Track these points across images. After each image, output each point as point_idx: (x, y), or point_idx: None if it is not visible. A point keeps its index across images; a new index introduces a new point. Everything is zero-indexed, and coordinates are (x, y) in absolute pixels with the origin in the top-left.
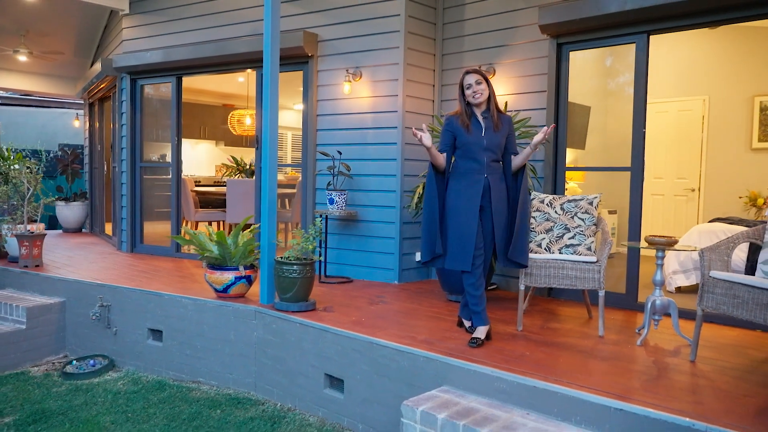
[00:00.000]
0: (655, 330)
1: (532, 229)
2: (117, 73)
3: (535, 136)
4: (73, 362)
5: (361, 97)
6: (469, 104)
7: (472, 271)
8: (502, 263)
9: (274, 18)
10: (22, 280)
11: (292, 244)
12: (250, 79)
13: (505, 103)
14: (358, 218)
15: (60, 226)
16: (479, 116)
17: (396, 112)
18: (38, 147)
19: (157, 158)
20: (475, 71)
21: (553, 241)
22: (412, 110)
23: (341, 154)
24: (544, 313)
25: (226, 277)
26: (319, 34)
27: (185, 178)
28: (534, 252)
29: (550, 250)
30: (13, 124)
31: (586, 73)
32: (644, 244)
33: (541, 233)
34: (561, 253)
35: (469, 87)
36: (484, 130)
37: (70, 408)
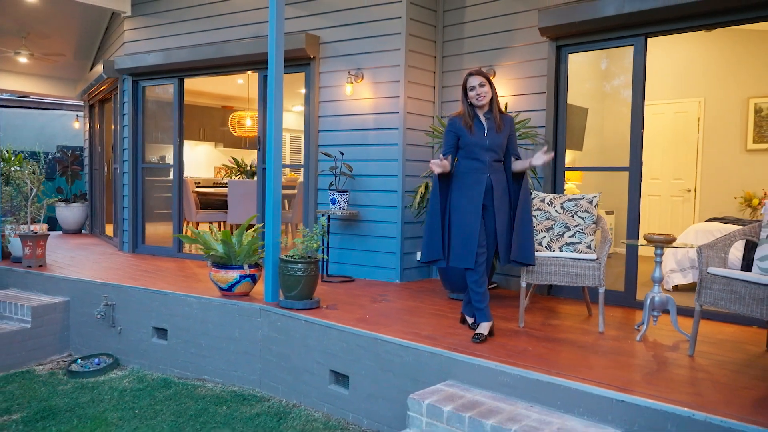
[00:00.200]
0: (654, 326)
1: (533, 228)
2: (119, 75)
3: (533, 159)
4: (78, 361)
5: (363, 98)
6: (471, 105)
7: (476, 268)
8: (504, 262)
9: (279, 21)
10: (26, 280)
11: (297, 243)
12: (251, 81)
13: (505, 105)
14: (360, 218)
15: (59, 227)
16: (482, 117)
17: (397, 113)
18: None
19: (156, 160)
20: (478, 73)
21: (554, 240)
22: (413, 111)
23: (343, 154)
24: (544, 311)
25: (230, 275)
26: (320, 36)
27: (186, 179)
28: (535, 250)
29: (551, 248)
30: (11, 126)
31: (583, 76)
32: (643, 242)
33: (542, 232)
34: (561, 251)
35: (473, 89)
36: (486, 131)
37: (77, 405)
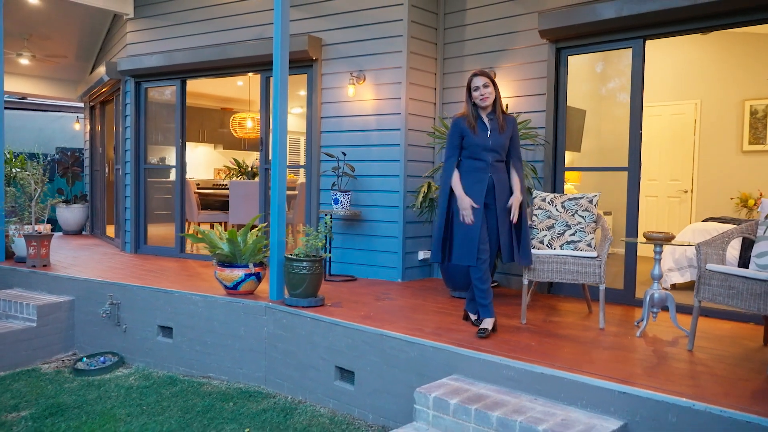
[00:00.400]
0: (654, 322)
1: (535, 226)
2: (121, 77)
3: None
4: (84, 359)
5: (365, 99)
6: (475, 105)
7: (478, 265)
8: (506, 259)
9: (284, 24)
10: (30, 280)
11: (302, 242)
12: (252, 83)
13: (506, 106)
14: (362, 218)
15: (60, 228)
16: (485, 118)
17: (399, 114)
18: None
19: (156, 161)
20: (483, 74)
21: (555, 238)
22: (414, 113)
23: (346, 155)
24: (545, 308)
25: (236, 274)
26: (323, 39)
27: (188, 180)
28: (536, 248)
29: (552, 247)
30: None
31: (581, 78)
32: (642, 240)
33: (543, 230)
34: (562, 249)
35: (477, 89)
36: (489, 132)
37: (84, 402)
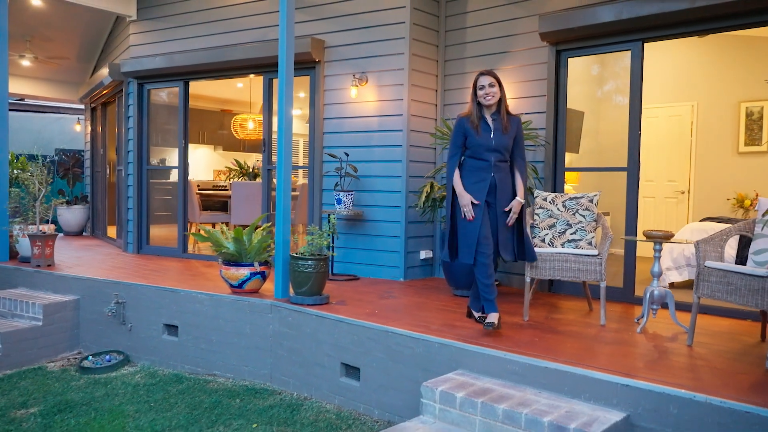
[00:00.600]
0: (654, 319)
1: (536, 225)
2: (124, 78)
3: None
4: (89, 357)
5: (367, 101)
6: (480, 105)
7: (480, 260)
8: (507, 258)
9: (289, 28)
10: (35, 279)
11: (307, 240)
12: (253, 85)
13: None
14: (364, 218)
15: (60, 229)
16: (488, 118)
17: (401, 115)
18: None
19: (156, 162)
20: (489, 73)
21: (556, 237)
22: (416, 114)
23: (348, 155)
24: (546, 306)
25: (241, 272)
26: (325, 41)
27: (190, 181)
28: (538, 246)
29: (553, 245)
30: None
31: (578, 80)
32: (642, 238)
33: (544, 229)
34: (564, 248)
35: (482, 88)
36: (492, 132)
37: (92, 399)
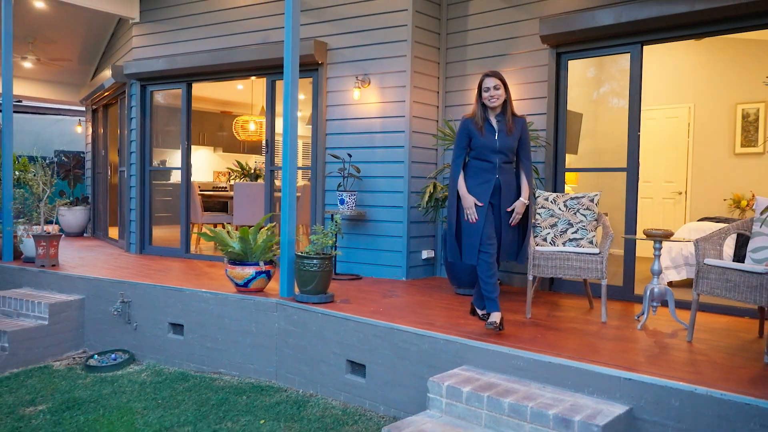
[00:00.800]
0: (654, 316)
1: (538, 225)
2: (127, 80)
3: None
4: (95, 356)
5: (370, 102)
6: (484, 106)
7: (483, 259)
8: (507, 258)
9: (294, 31)
10: (39, 279)
11: (312, 240)
12: (254, 86)
13: None
14: (367, 218)
15: (61, 230)
16: (493, 119)
17: (403, 117)
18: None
19: (157, 164)
20: (494, 75)
21: (558, 236)
22: (418, 115)
23: (351, 156)
24: (548, 304)
25: (247, 272)
26: (328, 43)
27: (192, 182)
28: (540, 245)
29: (555, 244)
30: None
31: (577, 83)
32: (642, 237)
33: (546, 228)
34: (565, 247)
35: (487, 90)
36: (497, 133)
37: (100, 396)
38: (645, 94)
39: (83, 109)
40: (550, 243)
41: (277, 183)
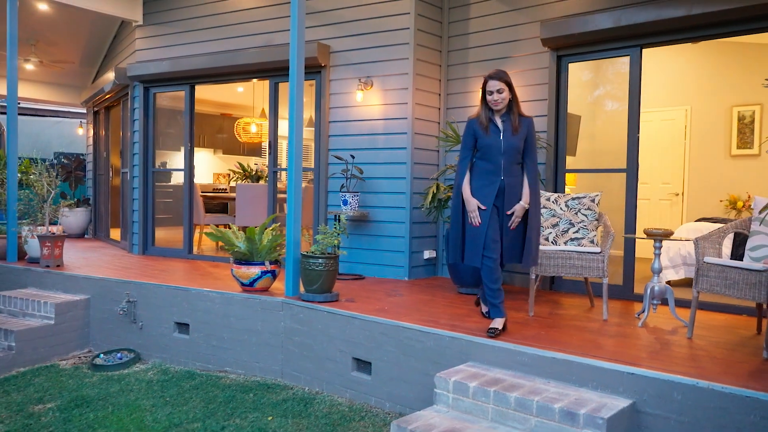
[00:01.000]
0: (654, 314)
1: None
2: (130, 82)
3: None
4: (101, 355)
5: (372, 104)
6: (489, 107)
7: (488, 264)
8: (507, 260)
9: (300, 34)
10: (44, 279)
11: (317, 239)
12: (255, 89)
13: None
14: (370, 218)
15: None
16: (498, 120)
17: (406, 119)
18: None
19: (158, 165)
20: (498, 78)
21: (559, 235)
22: (420, 117)
23: (354, 157)
24: (549, 303)
25: (252, 271)
26: (331, 46)
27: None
28: (541, 245)
29: (556, 243)
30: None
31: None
32: (642, 236)
33: (548, 228)
34: (567, 246)
35: (491, 93)
36: (502, 134)
37: (108, 394)
38: (642, 96)
39: (83, 110)
40: (552, 242)
41: (280, 185)
